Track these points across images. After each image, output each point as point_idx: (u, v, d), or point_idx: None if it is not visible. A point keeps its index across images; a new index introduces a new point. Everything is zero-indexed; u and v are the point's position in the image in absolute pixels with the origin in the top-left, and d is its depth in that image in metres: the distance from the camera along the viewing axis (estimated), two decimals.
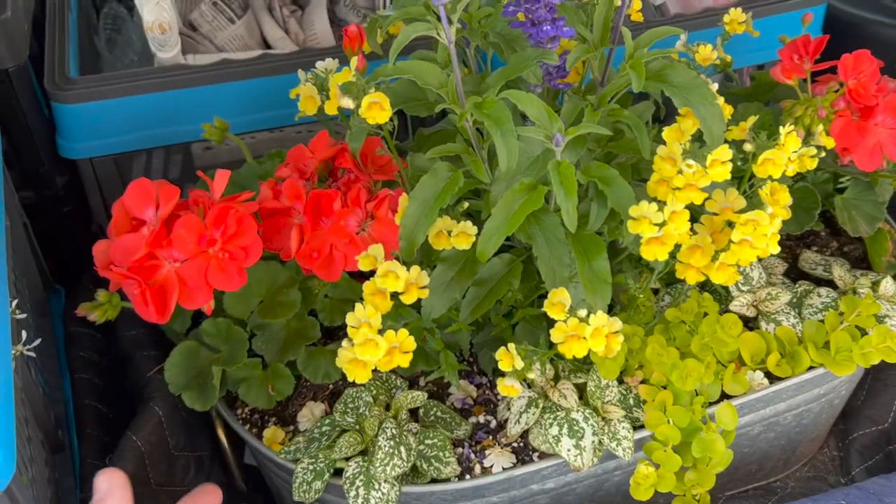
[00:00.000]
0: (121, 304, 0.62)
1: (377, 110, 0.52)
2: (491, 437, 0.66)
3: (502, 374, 0.71)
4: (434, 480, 0.62)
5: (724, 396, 0.66)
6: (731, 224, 0.56)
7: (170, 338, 0.70)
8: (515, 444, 0.65)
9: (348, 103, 0.53)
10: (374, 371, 0.69)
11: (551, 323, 0.67)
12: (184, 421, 0.71)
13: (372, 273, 0.61)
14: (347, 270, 0.60)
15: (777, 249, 0.55)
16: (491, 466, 0.63)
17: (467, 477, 0.62)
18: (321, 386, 0.68)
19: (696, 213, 0.58)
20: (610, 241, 0.63)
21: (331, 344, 0.69)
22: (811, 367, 0.67)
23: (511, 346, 0.57)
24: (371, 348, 0.52)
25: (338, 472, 0.61)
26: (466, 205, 0.58)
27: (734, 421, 0.63)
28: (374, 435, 0.60)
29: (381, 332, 0.52)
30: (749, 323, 0.70)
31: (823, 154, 0.60)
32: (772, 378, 0.67)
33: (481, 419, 0.68)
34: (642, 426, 0.64)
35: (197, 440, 0.73)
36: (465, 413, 0.68)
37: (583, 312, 0.53)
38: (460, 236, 0.57)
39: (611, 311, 0.66)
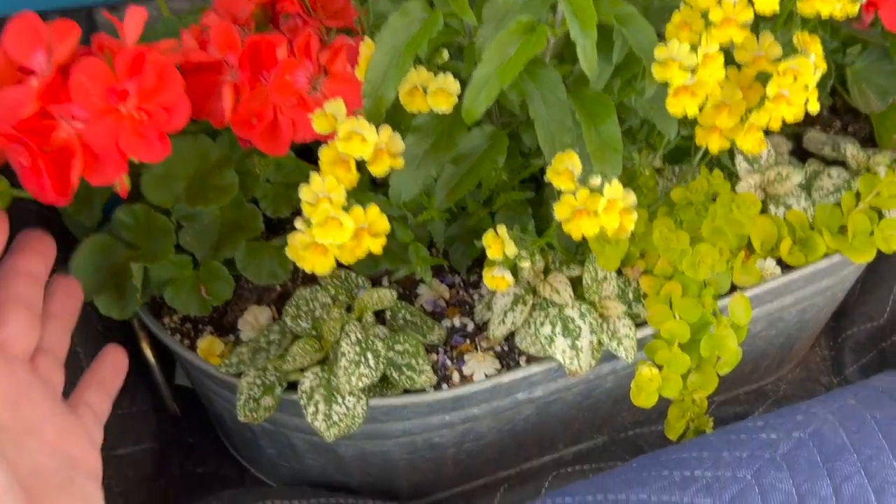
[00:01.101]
0: (10, 191, 0.49)
1: None
2: (469, 342, 0.57)
3: (478, 273, 0.62)
4: (407, 391, 0.52)
5: (732, 289, 0.58)
6: (762, 79, 0.47)
7: (77, 236, 0.58)
8: (498, 348, 0.56)
9: None
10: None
11: (539, 210, 0.58)
12: (98, 333, 0.59)
13: None
14: (296, 142, 0.48)
15: (817, 107, 0.46)
16: (472, 374, 0.54)
17: (444, 386, 0.53)
18: (266, 288, 0.57)
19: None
20: None
21: (276, 239, 0.57)
22: (825, 255, 0.60)
23: (501, 228, 0.47)
24: (334, 229, 0.41)
25: (291, 387, 0.51)
26: (446, 54, 0.47)
27: (748, 315, 0.55)
28: (335, 340, 0.50)
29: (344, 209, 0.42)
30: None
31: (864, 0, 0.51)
32: (783, 267, 0.60)
33: (456, 322, 0.58)
34: (643, 324, 0.56)
35: None
36: (437, 317, 0.59)
37: (596, 181, 0.43)
38: (439, 94, 0.46)
39: None
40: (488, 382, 0.52)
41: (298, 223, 0.42)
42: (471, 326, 0.58)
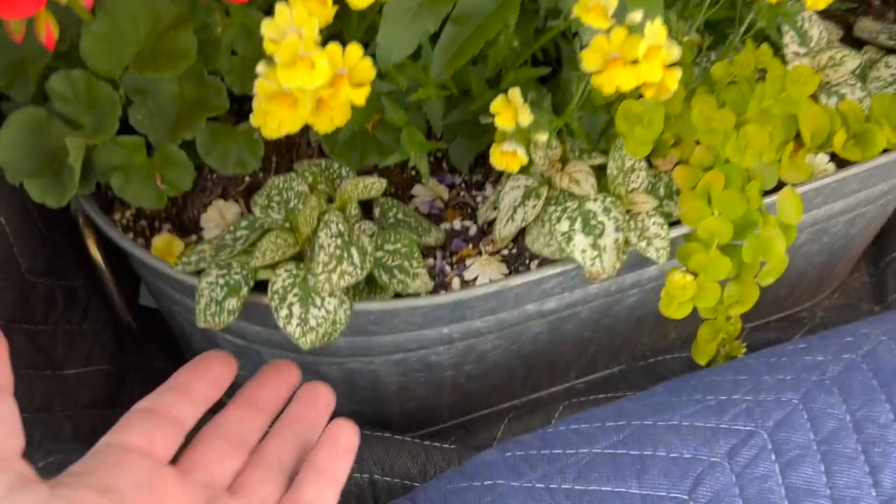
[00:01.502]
0: None
1: None
2: (471, 246, 0.49)
3: (482, 172, 0.54)
4: (398, 296, 0.44)
5: (777, 189, 0.50)
6: None
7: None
8: (506, 252, 0.48)
9: None
10: (308, 154, 0.50)
11: (555, 95, 0.49)
12: (41, 236, 0.51)
13: None
14: None
15: None
16: (475, 279, 0.46)
17: (442, 293, 0.45)
18: (233, 179, 0.49)
19: None
20: None
21: (244, 123, 0.49)
22: (885, 150, 0.51)
23: (514, 91, 0.39)
24: (304, 70, 0.32)
25: (260, 288, 0.43)
26: None
27: (799, 213, 0.47)
28: (312, 232, 0.42)
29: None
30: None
31: None
32: (837, 165, 0.52)
33: (457, 225, 0.50)
34: (675, 224, 0.48)
35: (64, 263, 0.53)
36: (434, 220, 0.50)
37: (636, 15, 0.34)
38: None
39: None
40: (494, 286, 0.44)
41: (260, 66, 0.34)
42: (473, 230, 0.50)
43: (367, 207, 0.48)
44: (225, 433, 0.37)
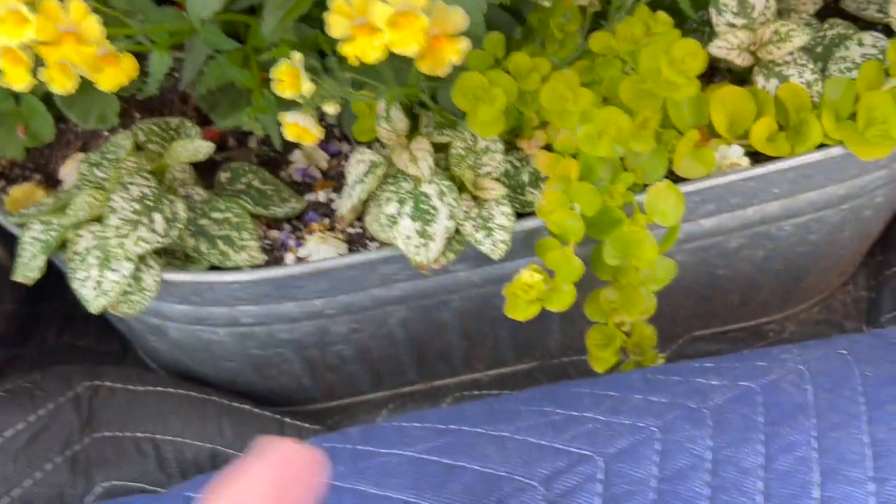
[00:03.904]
0: None
1: None
2: (328, 221, 0.46)
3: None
4: (216, 269, 0.43)
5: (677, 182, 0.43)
6: None
7: None
8: (353, 230, 0.45)
9: None
10: (181, 112, 0.49)
11: None
12: None
13: None
14: None
15: None
16: (308, 256, 0.44)
17: (260, 268, 0.43)
18: (95, 134, 0.49)
19: None
20: None
21: None
22: (822, 146, 0.43)
23: (296, 55, 0.35)
24: (11, 25, 0.31)
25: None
26: None
27: (677, 212, 0.40)
28: (112, 193, 0.40)
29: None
30: (744, 78, 0.46)
31: None
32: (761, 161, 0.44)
33: (321, 197, 0.47)
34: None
35: None
36: (303, 189, 0.48)
37: None
38: None
39: (511, 41, 0.43)
40: (308, 266, 0.41)
41: None
42: (337, 203, 0.47)
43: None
44: None
